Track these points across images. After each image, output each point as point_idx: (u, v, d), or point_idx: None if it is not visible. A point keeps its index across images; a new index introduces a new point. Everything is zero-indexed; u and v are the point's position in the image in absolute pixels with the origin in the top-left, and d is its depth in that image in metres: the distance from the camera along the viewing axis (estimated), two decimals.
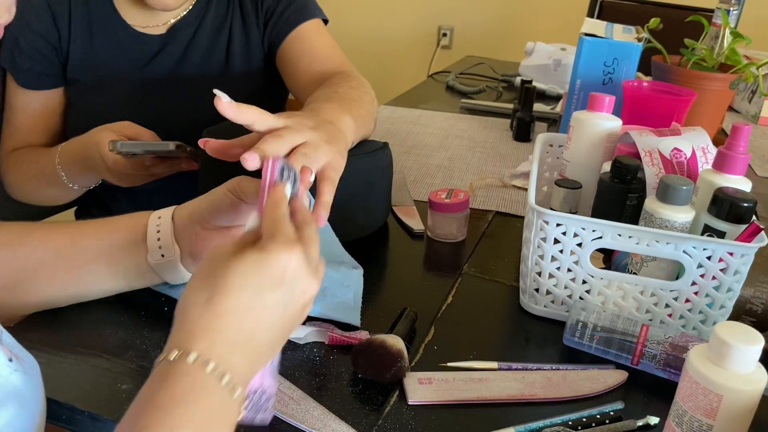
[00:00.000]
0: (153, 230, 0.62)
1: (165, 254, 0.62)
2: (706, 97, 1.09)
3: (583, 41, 1.09)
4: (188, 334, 0.43)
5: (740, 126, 0.67)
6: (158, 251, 0.62)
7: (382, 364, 0.58)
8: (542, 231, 0.66)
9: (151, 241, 0.62)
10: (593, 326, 0.63)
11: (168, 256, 0.62)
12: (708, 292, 0.64)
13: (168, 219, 0.63)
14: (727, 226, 0.63)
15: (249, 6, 1.02)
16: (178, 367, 0.41)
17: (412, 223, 0.90)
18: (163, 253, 0.62)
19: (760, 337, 0.47)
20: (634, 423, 0.56)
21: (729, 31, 1.15)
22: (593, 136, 0.79)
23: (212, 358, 0.42)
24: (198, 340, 0.42)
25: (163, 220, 0.62)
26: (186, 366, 0.41)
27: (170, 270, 0.63)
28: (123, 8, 0.97)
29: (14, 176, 0.99)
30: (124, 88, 0.98)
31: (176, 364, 0.41)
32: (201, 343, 0.42)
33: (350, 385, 0.59)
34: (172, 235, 0.62)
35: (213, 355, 0.42)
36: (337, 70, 0.96)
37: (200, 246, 0.63)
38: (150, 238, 0.62)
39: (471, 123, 1.41)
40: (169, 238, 0.62)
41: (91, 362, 0.60)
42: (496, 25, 3.11)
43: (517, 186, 1.06)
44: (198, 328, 0.43)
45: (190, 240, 0.62)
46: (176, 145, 0.81)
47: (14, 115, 0.98)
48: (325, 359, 0.62)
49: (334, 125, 0.69)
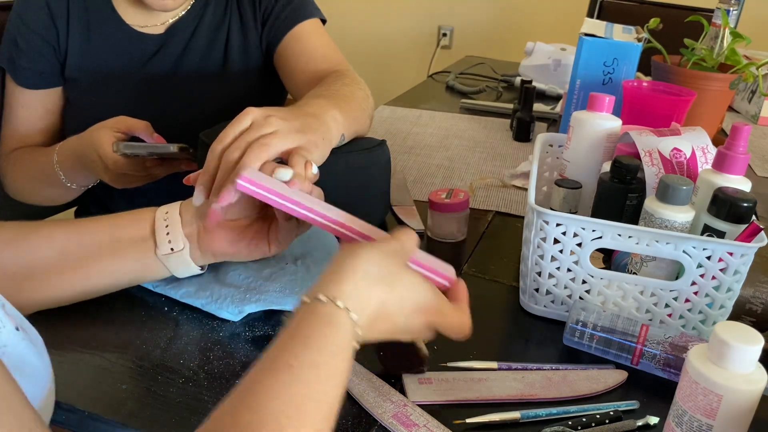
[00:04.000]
0: (161, 224, 0.63)
1: (174, 247, 0.63)
2: (705, 97, 1.09)
3: (583, 41, 1.09)
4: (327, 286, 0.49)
5: (740, 126, 0.67)
6: (167, 245, 0.63)
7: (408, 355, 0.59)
8: (542, 231, 0.66)
9: (159, 235, 0.63)
10: (593, 326, 0.63)
11: (177, 249, 0.63)
12: (708, 292, 0.64)
13: (176, 212, 0.64)
14: (727, 226, 0.63)
15: (247, 6, 1.02)
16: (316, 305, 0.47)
17: (412, 223, 0.90)
18: (173, 247, 0.63)
19: (759, 337, 0.47)
20: (633, 423, 0.56)
21: (729, 31, 1.15)
22: (593, 136, 0.79)
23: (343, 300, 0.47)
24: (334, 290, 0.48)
25: (171, 214, 0.64)
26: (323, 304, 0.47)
27: (179, 263, 0.64)
28: (121, 8, 0.97)
29: (13, 176, 0.99)
30: (123, 87, 0.98)
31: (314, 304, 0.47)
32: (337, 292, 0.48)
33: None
34: (181, 228, 0.63)
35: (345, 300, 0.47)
36: (334, 69, 0.96)
37: (207, 238, 0.64)
38: (158, 232, 0.63)
39: (471, 123, 1.41)
40: (178, 231, 0.63)
41: (91, 362, 0.60)
42: (496, 25, 3.11)
43: (517, 186, 1.06)
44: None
45: (198, 233, 0.64)
46: (180, 148, 0.82)
47: (13, 114, 0.98)
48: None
49: (317, 118, 0.70)
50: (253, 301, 0.66)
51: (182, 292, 0.68)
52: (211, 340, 0.64)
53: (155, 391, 0.57)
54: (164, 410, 0.55)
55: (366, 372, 0.59)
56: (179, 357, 0.61)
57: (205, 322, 0.66)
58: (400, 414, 0.54)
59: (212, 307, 0.66)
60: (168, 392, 0.57)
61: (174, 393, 0.56)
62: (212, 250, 0.65)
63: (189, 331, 0.65)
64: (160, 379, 0.58)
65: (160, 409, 0.55)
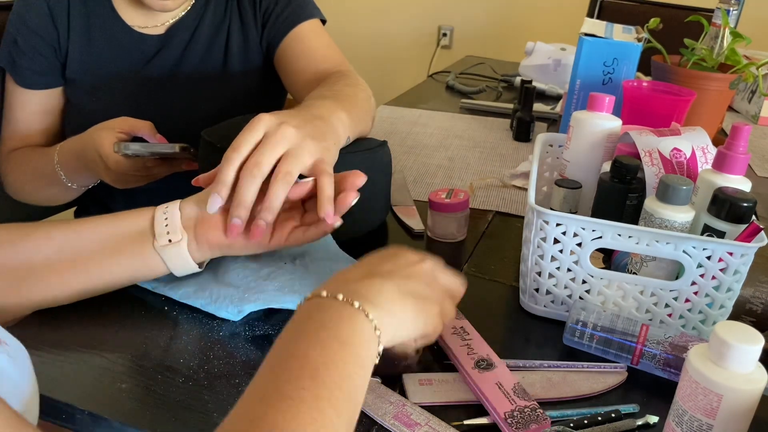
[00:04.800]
0: (161, 218, 0.64)
1: (172, 238, 0.63)
2: (705, 97, 1.09)
3: (583, 41, 1.09)
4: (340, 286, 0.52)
5: (740, 126, 0.67)
6: (166, 236, 0.63)
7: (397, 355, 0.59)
8: (542, 231, 0.66)
9: (158, 227, 0.64)
10: (593, 326, 0.63)
11: (175, 240, 0.63)
12: (708, 292, 0.64)
13: (175, 208, 0.65)
14: (727, 226, 0.63)
15: (247, 6, 1.02)
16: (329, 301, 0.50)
17: (412, 223, 0.90)
18: (171, 238, 0.63)
19: (760, 337, 0.47)
20: (633, 422, 0.56)
21: (729, 31, 1.15)
22: (593, 136, 0.79)
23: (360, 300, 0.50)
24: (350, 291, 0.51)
25: (170, 210, 0.65)
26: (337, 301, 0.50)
27: (176, 256, 0.64)
28: (122, 8, 0.97)
29: (14, 176, 0.99)
30: (123, 88, 0.98)
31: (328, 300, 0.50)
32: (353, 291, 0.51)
33: None
34: (179, 221, 0.64)
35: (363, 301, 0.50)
36: (335, 70, 0.96)
37: (204, 230, 0.64)
38: (157, 224, 0.64)
39: (471, 123, 1.41)
40: (177, 224, 0.64)
41: (91, 362, 0.60)
42: (496, 25, 3.11)
43: (517, 186, 1.06)
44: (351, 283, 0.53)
45: (195, 225, 0.65)
46: (181, 148, 0.82)
47: (13, 114, 0.98)
48: None
49: (325, 121, 0.70)
50: (252, 300, 0.66)
51: (181, 293, 0.68)
52: (211, 339, 0.64)
53: (155, 390, 0.57)
54: (164, 410, 0.55)
55: None
56: (179, 356, 0.61)
57: (205, 322, 0.66)
58: (400, 414, 0.54)
59: (212, 307, 0.66)
60: (168, 392, 0.57)
61: (174, 392, 0.56)
62: (208, 242, 0.65)
63: (189, 330, 0.65)
64: (160, 378, 0.58)
65: (160, 409, 0.55)
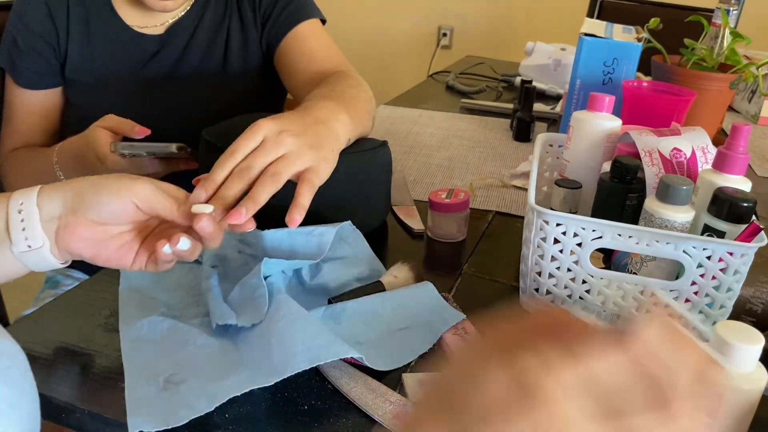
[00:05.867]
0: (16, 218, 0.56)
1: (32, 245, 0.56)
2: (706, 97, 1.09)
3: (583, 41, 1.09)
4: None
5: (740, 126, 0.67)
6: (24, 242, 0.56)
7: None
8: (542, 231, 0.66)
9: (14, 231, 0.55)
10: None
11: (35, 246, 0.56)
12: (708, 291, 0.64)
13: (32, 204, 0.56)
14: (727, 226, 0.63)
15: (247, 6, 1.02)
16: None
17: (412, 222, 0.90)
18: (30, 244, 0.56)
19: (760, 337, 0.47)
20: None
21: (729, 31, 1.15)
22: (593, 136, 0.79)
23: None
24: None
25: (26, 206, 0.56)
26: None
27: (39, 261, 0.57)
28: (121, 9, 0.97)
29: (13, 176, 0.99)
30: (123, 88, 0.98)
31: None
32: None
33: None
34: (39, 223, 0.56)
35: None
36: (335, 70, 0.96)
37: (66, 239, 0.57)
38: (13, 228, 0.55)
39: (471, 123, 1.41)
40: (36, 227, 0.56)
41: (90, 362, 0.60)
42: (496, 25, 3.11)
43: (517, 186, 1.06)
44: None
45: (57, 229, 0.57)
46: (178, 147, 0.81)
47: (13, 114, 0.98)
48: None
49: (326, 125, 0.69)
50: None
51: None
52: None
53: None
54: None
55: (361, 374, 0.59)
56: None
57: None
58: (401, 414, 0.54)
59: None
60: None
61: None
62: (69, 249, 0.58)
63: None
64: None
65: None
